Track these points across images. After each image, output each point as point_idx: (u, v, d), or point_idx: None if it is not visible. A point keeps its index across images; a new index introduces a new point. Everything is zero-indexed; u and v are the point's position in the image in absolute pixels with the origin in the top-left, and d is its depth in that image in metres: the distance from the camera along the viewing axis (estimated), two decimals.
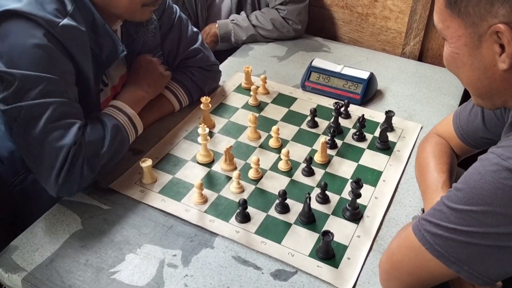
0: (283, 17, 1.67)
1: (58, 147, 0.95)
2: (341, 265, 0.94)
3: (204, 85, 1.36)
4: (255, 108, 1.37)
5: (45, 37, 0.94)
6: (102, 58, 1.08)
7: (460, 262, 0.71)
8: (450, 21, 0.72)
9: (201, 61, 1.35)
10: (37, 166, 0.98)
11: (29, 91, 0.93)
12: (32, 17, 0.93)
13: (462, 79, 0.78)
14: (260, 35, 1.69)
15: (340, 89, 1.41)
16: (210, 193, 1.09)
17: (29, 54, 0.93)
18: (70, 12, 0.99)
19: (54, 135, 0.95)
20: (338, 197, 1.09)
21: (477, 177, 0.70)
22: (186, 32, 1.33)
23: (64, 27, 0.96)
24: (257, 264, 0.94)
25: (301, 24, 1.70)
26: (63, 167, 0.95)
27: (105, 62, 1.10)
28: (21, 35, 0.93)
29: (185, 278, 0.91)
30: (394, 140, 1.26)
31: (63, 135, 0.96)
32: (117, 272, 0.92)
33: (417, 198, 1.09)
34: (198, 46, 1.35)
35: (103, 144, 1.02)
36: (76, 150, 0.96)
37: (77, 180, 0.98)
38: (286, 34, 1.70)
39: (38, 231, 1.00)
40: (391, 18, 1.69)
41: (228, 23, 1.68)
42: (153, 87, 1.22)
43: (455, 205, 0.71)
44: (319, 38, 1.76)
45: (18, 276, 0.92)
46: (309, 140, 1.25)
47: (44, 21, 0.94)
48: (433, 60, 1.73)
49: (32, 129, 0.94)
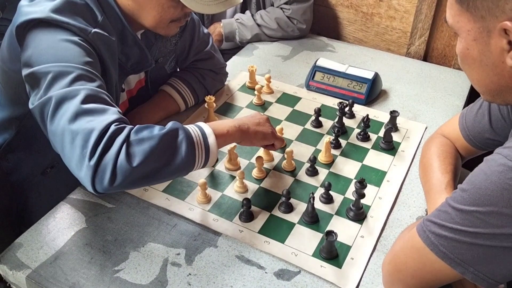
0: (288, 16, 1.67)
1: (92, 126, 0.81)
2: (345, 265, 0.94)
3: (212, 88, 1.36)
4: (260, 107, 1.37)
5: (77, 38, 0.92)
6: (127, 67, 1.08)
7: (465, 263, 0.71)
8: (460, 15, 0.72)
9: (212, 64, 1.36)
10: (70, 152, 0.82)
11: (57, 82, 0.85)
12: (64, 25, 0.91)
13: (473, 76, 0.77)
14: (264, 35, 1.69)
15: (344, 89, 1.41)
16: (213, 192, 1.09)
17: (57, 48, 0.89)
18: (100, 22, 0.98)
19: (88, 116, 0.83)
20: (342, 197, 1.09)
21: (482, 177, 0.69)
22: (198, 34, 1.32)
23: (96, 34, 0.95)
24: (260, 263, 0.95)
25: (306, 24, 1.70)
26: (98, 145, 0.80)
27: (129, 70, 1.10)
28: (52, 38, 0.90)
29: (188, 277, 0.92)
30: (399, 140, 1.25)
31: (100, 114, 0.84)
32: (121, 271, 0.93)
33: (421, 199, 1.09)
34: (209, 49, 1.35)
35: (152, 136, 0.83)
36: (116, 129, 0.82)
37: (110, 167, 0.80)
38: (291, 34, 1.70)
39: (42, 229, 1.01)
40: (396, 18, 1.69)
41: (232, 22, 1.68)
42: (254, 135, 1.03)
43: (461, 206, 0.70)
44: (323, 37, 1.76)
45: (22, 273, 0.92)
46: (313, 139, 1.25)
47: (76, 29, 0.92)
48: (438, 60, 1.72)
49: (63, 114, 0.83)
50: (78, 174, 0.83)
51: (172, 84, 1.31)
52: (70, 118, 0.82)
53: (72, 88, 0.85)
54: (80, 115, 0.83)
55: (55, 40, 0.90)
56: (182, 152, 0.86)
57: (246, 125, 1.01)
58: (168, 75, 1.31)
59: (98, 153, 0.80)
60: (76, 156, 0.81)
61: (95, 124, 0.82)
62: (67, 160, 0.84)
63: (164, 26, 1.06)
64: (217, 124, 0.96)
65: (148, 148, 0.82)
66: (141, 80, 1.24)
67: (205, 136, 0.91)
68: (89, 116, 0.83)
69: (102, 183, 0.81)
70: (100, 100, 0.86)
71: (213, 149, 0.91)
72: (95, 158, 0.79)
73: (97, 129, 0.81)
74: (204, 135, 0.91)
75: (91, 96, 0.85)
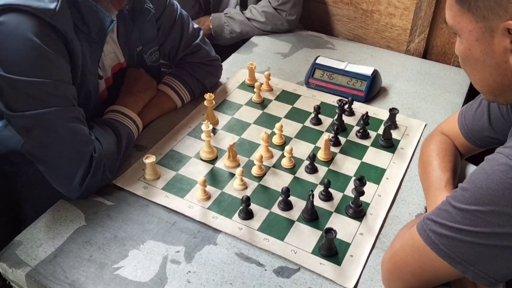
0: (275, 8, 1.66)
1: (80, 154, 0.99)
2: (344, 262, 0.94)
3: (204, 79, 1.36)
4: (259, 105, 1.37)
5: (37, 33, 0.92)
6: (93, 36, 1.06)
7: (466, 262, 0.71)
8: (461, 16, 0.71)
9: (201, 56, 1.35)
10: (55, 172, 1.00)
11: (30, 98, 0.94)
12: (26, 9, 0.91)
13: (475, 77, 0.77)
14: (255, 28, 1.68)
15: (344, 86, 1.40)
16: (213, 189, 1.09)
17: (23, 57, 0.92)
18: None
19: (72, 143, 0.99)
20: (341, 194, 1.09)
21: (484, 176, 0.69)
22: (188, 29, 1.33)
23: (59, 12, 0.95)
24: (260, 261, 0.95)
25: (295, 14, 1.69)
26: (88, 174, 1.00)
27: (97, 40, 1.07)
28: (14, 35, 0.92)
29: (188, 275, 0.92)
30: (398, 138, 1.25)
31: (81, 142, 1.00)
32: (121, 268, 0.93)
33: (420, 196, 1.09)
34: (198, 42, 1.35)
35: (120, 150, 1.10)
36: (98, 157, 1.01)
37: (99, 184, 1.05)
38: (280, 27, 1.70)
39: (42, 226, 1.01)
40: (396, 15, 1.69)
41: (221, 16, 1.68)
42: (144, 92, 1.26)
43: (461, 205, 0.70)
44: (323, 35, 1.75)
45: (22, 271, 0.92)
46: (313, 137, 1.25)
47: (39, 11, 0.92)
48: (437, 58, 1.72)
49: (49, 138, 0.97)
50: (64, 190, 1.04)
51: (165, 82, 1.32)
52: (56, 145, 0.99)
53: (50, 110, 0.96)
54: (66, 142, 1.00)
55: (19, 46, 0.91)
56: (132, 144, 1.16)
57: (134, 89, 1.24)
58: (147, 67, 1.30)
59: (88, 180, 1.02)
60: (65, 179, 1.03)
61: (80, 152, 1.01)
62: (51, 178, 1.03)
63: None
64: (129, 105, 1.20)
65: (118, 159, 1.10)
66: (116, 66, 1.23)
67: (134, 121, 1.18)
68: (72, 140, 1.00)
69: (87, 195, 1.06)
70: (77, 121, 1.02)
71: (139, 124, 1.21)
72: (86, 184, 1.02)
73: (85, 159, 1.01)
74: (132, 120, 1.18)
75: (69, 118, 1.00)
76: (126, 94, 1.22)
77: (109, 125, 1.11)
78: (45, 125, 0.96)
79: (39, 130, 0.96)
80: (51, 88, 0.95)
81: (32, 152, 0.99)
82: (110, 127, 1.11)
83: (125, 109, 1.18)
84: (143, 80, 1.27)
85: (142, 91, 1.25)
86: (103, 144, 1.05)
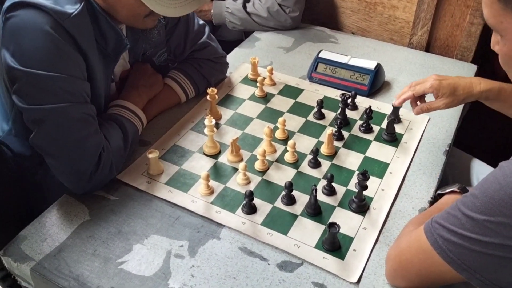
0: (279, 4, 1.65)
1: (89, 150, 1.00)
2: (347, 256, 0.94)
3: (211, 76, 1.35)
4: (262, 99, 1.36)
5: (53, 29, 0.93)
6: (108, 52, 1.08)
7: (472, 270, 0.70)
8: (504, 16, 0.68)
9: (209, 53, 1.35)
10: (63, 167, 1.01)
11: (45, 92, 0.94)
12: (42, 8, 0.92)
13: None
14: (255, 23, 1.67)
15: (347, 80, 1.40)
16: (216, 184, 1.09)
17: (40, 52, 0.93)
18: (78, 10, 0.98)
19: (82, 139, 0.99)
20: (345, 189, 1.09)
21: (497, 187, 0.67)
22: (193, 26, 1.32)
23: (74, 18, 0.96)
24: (263, 255, 0.95)
25: (299, 10, 1.67)
26: (96, 170, 1.01)
27: (112, 56, 1.10)
28: (32, 28, 0.92)
29: (191, 269, 0.92)
30: (401, 132, 1.25)
31: (90, 138, 1.00)
32: (125, 262, 0.93)
33: (423, 190, 1.09)
34: (205, 39, 1.34)
35: (126, 146, 1.10)
36: (106, 154, 1.02)
37: (106, 180, 1.06)
38: (284, 24, 1.69)
39: (46, 221, 1.01)
40: (399, 7, 1.68)
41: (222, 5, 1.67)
42: (149, 87, 1.25)
43: (472, 213, 0.69)
44: (326, 28, 1.75)
45: (27, 265, 0.93)
46: (316, 131, 1.25)
47: (53, 12, 0.93)
48: (440, 51, 1.71)
49: (59, 133, 0.97)
50: (71, 186, 1.05)
51: (171, 76, 1.31)
52: (69, 140, 1.00)
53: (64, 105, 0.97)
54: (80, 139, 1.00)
55: (37, 42, 0.92)
56: (137, 139, 1.18)
57: (139, 83, 1.23)
58: (157, 67, 1.31)
59: (97, 176, 1.04)
60: (74, 175, 1.03)
61: (90, 149, 1.02)
62: (59, 173, 1.03)
63: (139, 21, 1.07)
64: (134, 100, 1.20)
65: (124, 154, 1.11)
66: (124, 71, 1.24)
67: (138, 116, 1.18)
68: (84, 137, 1.01)
69: (94, 190, 1.08)
70: (90, 118, 1.03)
71: (143, 119, 1.21)
72: (94, 180, 1.04)
73: (94, 156, 1.02)
74: (137, 115, 1.18)
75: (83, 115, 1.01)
76: (131, 89, 1.22)
77: (116, 121, 1.11)
78: (57, 119, 0.96)
79: (50, 124, 0.96)
80: (66, 83, 0.96)
81: (42, 145, 0.99)
82: (117, 123, 1.11)
83: (131, 104, 1.18)
84: (148, 74, 1.27)
85: (147, 86, 1.25)
86: (111, 141, 1.06)
